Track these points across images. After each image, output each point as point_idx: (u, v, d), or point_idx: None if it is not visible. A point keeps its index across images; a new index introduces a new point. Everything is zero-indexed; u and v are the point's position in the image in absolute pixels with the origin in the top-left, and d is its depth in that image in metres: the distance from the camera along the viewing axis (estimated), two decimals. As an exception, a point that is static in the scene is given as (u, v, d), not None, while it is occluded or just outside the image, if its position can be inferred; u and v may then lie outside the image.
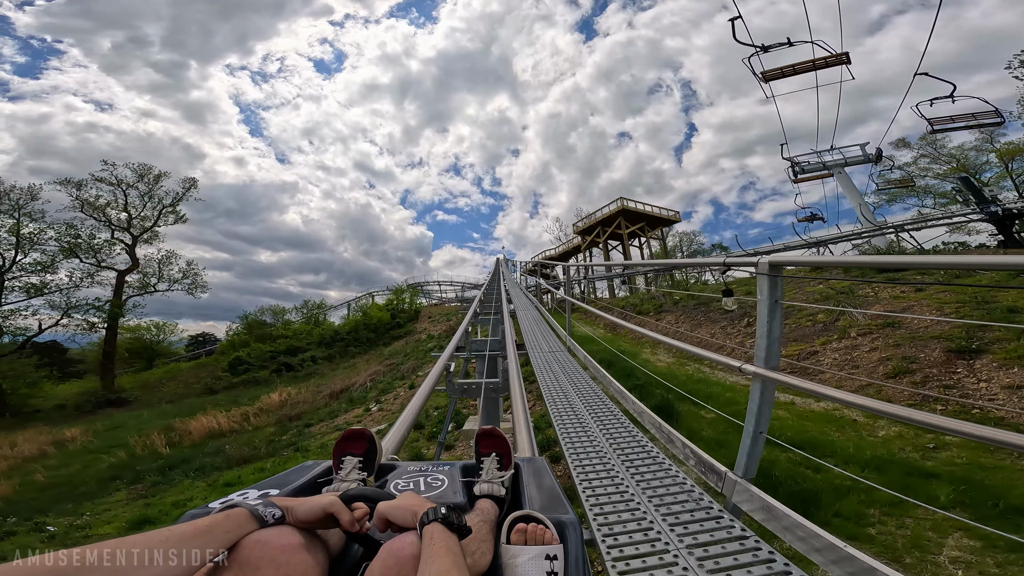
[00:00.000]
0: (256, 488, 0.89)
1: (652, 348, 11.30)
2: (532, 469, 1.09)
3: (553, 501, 0.89)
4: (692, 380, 7.44)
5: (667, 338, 3.19)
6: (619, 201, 28.49)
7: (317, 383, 19.51)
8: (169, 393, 21.58)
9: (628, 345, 12.07)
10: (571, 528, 0.79)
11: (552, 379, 4.49)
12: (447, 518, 0.63)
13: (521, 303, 12.98)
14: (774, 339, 1.90)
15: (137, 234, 24.13)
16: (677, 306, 13.75)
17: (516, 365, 3.53)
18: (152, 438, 12.98)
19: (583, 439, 2.86)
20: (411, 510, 0.66)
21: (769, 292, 1.90)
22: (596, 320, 18.44)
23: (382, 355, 23.97)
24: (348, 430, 1.05)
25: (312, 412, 15.01)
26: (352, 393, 16.84)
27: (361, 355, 25.28)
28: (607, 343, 8.73)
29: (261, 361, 24.89)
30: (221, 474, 10.04)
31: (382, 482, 1.01)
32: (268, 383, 22.21)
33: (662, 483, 2.19)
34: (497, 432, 1.09)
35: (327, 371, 22.93)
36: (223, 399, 19.77)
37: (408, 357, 21.68)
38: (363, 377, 18.41)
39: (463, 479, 1.01)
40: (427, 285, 39.08)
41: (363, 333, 27.81)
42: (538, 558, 0.68)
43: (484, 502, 0.93)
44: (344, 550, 0.74)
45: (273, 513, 0.61)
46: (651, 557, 1.64)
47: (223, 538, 0.54)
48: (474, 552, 0.70)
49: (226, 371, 24.37)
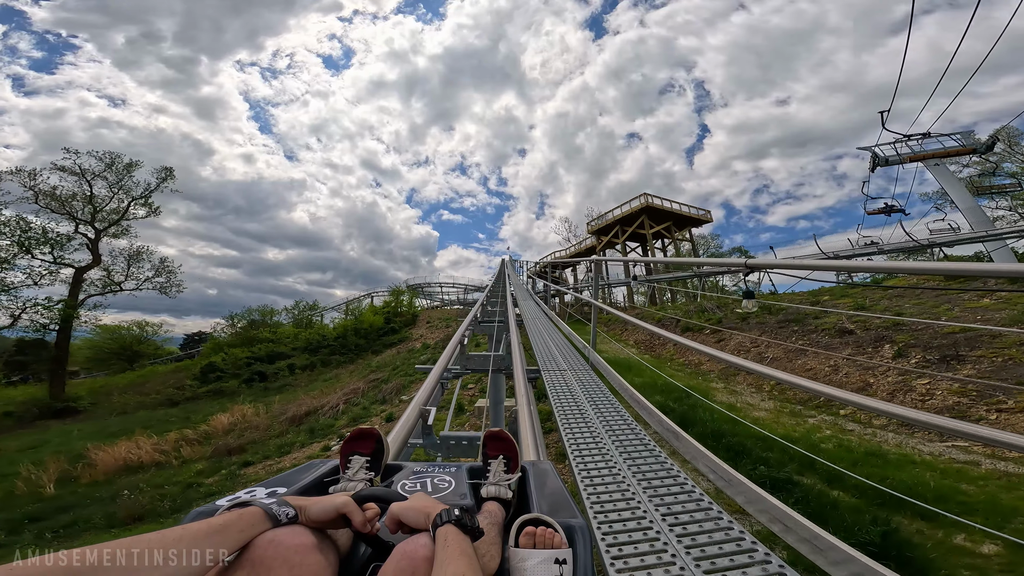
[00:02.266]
0: (264, 486, 0.85)
1: (725, 382, 8.11)
2: (539, 472, 1.05)
3: (560, 505, 0.87)
4: (849, 450, 4.17)
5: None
6: (643, 197, 25.16)
7: (285, 400, 16.64)
8: (125, 403, 18.98)
9: (681, 375, 8.88)
10: (580, 532, 0.76)
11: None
12: (461, 520, 0.62)
13: (531, 311, 10.65)
14: None
15: (101, 228, 21.69)
16: (747, 321, 10.42)
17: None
18: (51, 469, 10.18)
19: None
20: (424, 511, 0.66)
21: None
22: (621, 333, 15.22)
23: (369, 367, 21.07)
24: (356, 429, 1.04)
25: (260, 444, 12.10)
26: (318, 419, 13.92)
27: (346, 365, 22.41)
28: (654, 368, 5.81)
29: (235, 368, 22.21)
30: (97, 535, 7.16)
31: (388, 482, 0.97)
32: (235, 395, 19.47)
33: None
34: (505, 435, 1.08)
35: (303, 383, 20.10)
36: (177, 414, 17.06)
37: (396, 372, 18.75)
38: (338, 396, 15.47)
39: (470, 481, 0.98)
40: (428, 287, 36.25)
41: (352, 339, 24.96)
42: (547, 562, 0.66)
43: (491, 505, 0.91)
44: (352, 550, 0.71)
45: (287, 512, 0.60)
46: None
47: (237, 537, 0.53)
48: (483, 555, 0.67)
49: (195, 378, 21.74)
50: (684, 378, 8.32)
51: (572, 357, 5.22)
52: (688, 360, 10.34)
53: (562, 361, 4.98)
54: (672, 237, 26.18)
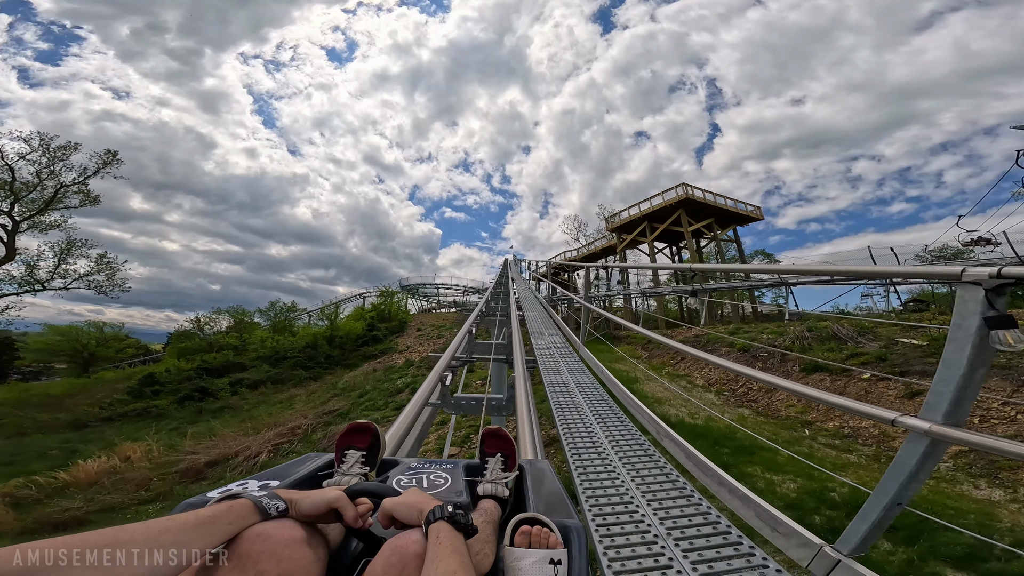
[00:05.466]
0: (256, 479, 0.83)
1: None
2: (536, 471, 1.04)
3: (557, 504, 0.86)
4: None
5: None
6: (681, 188, 20.52)
7: (212, 432, 12.54)
8: (20, 422, 15.17)
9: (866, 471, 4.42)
10: (575, 533, 0.75)
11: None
12: (454, 517, 0.61)
13: (540, 328, 7.89)
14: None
15: (20, 218, 18.13)
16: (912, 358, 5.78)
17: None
18: None
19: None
20: (417, 507, 0.64)
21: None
22: (677, 365, 10.55)
23: (333, 388, 16.91)
24: (352, 423, 1.02)
25: (118, 512, 8.01)
26: (226, 472, 9.77)
27: (307, 384, 18.30)
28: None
29: (178, 382, 18.35)
30: None
31: (383, 477, 0.94)
32: (166, 417, 15.54)
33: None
34: (503, 432, 1.06)
35: (246, 406, 16.03)
36: (76, 441, 13.22)
37: (363, 401, 14.56)
38: (265, 438, 11.30)
39: (466, 478, 0.96)
40: (424, 288, 32.17)
41: (324, 350, 20.91)
42: (542, 562, 0.66)
43: (487, 502, 0.89)
44: (343, 544, 0.70)
45: (277, 506, 0.59)
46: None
47: (225, 529, 0.52)
48: (477, 553, 0.67)
49: (129, 392, 17.93)
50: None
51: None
52: (849, 426, 5.89)
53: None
54: (715, 236, 21.44)
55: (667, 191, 21.44)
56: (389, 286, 28.82)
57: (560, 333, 7.33)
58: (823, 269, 4.29)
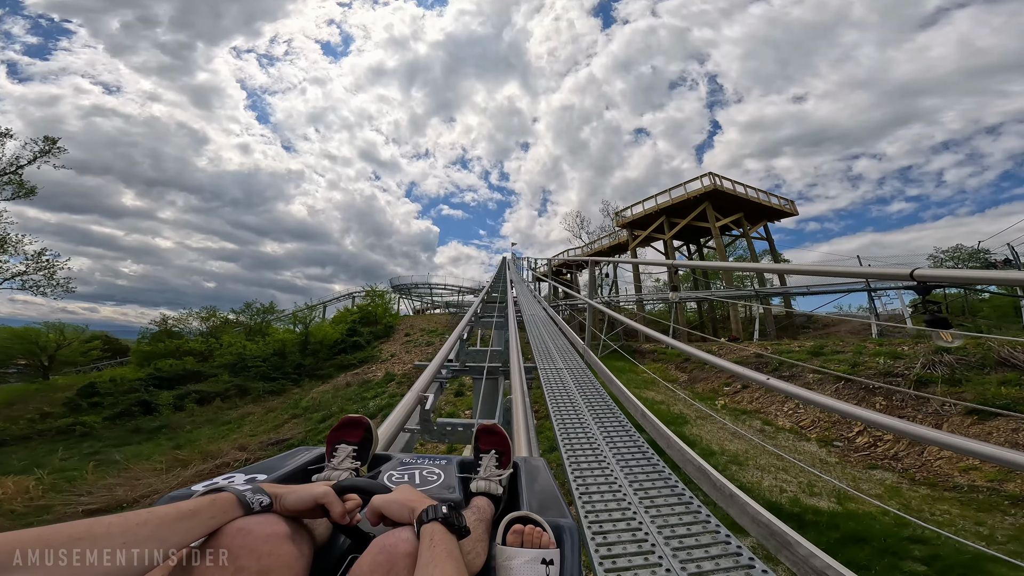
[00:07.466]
0: (243, 472, 0.80)
1: None
2: (530, 469, 1.02)
3: (551, 503, 0.84)
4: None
5: None
6: (708, 178, 17.84)
7: (111, 468, 9.94)
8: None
9: None
10: (568, 533, 0.73)
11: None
12: (448, 518, 0.59)
13: (540, 333, 6.46)
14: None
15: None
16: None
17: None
18: None
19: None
20: (408, 505, 0.62)
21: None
22: (695, 381, 7.81)
23: (295, 406, 14.27)
24: (345, 417, 0.99)
25: None
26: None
27: (266, 399, 15.68)
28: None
29: (122, 393, 15.82)
30: None
31: (375, 473, 0.91)
32: (92, 437, 13.00)
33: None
34: (498, 429, 1.04)
35: (188, 426, 13.44)
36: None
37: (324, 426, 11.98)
38: (183, 481, 8.70)
39: (460, 475, 0.94)
40: (416, 288, 29.59)
41: (294, 358, 18.33)
42: (534, 562, 0.65)
43: (480, 500, 0.87)
44: (330, 540, 0.68)
45: (260, 500, 0.58)
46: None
47: (206, 523, 0.51)
48: (469, 552, 0.65)
49: (64, 404, 15.42)
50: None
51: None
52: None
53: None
54: (745, 233, 18.70)
55: (690, 181, 18.76)
56: (377, 285, 26.26)
57: (565, 338, 6.18)
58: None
